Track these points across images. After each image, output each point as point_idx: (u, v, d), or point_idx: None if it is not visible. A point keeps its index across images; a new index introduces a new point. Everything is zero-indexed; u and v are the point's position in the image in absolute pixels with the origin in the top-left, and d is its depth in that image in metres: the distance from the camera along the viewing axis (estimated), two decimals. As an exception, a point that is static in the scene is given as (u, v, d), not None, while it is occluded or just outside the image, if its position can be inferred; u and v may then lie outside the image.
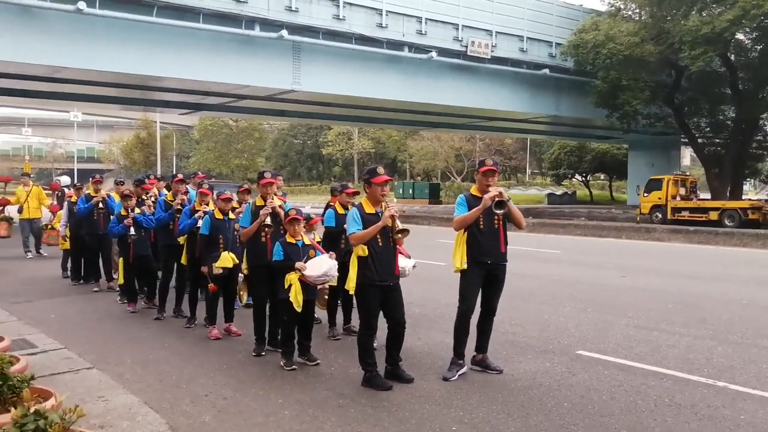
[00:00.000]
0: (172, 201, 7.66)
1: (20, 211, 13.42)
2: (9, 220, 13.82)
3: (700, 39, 22.10)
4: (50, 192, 16.72)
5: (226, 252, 6.37)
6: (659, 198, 24.94)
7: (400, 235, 4.86)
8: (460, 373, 5.16)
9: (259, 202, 5.98)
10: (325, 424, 4.18)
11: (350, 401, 4.62)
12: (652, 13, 25.98)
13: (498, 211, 4.99)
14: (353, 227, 4.82)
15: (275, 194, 6.16)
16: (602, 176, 52.04)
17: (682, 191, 25.20)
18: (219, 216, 6.49)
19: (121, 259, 8.02)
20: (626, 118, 26.28)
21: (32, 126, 73.06)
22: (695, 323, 7.13)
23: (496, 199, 4.92)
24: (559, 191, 47.30)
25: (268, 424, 4.20)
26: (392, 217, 4.80)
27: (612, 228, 20.39)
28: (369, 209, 4.92)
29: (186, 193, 7.86)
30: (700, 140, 29.93)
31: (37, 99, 27.34)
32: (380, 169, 4.97)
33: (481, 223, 5.09)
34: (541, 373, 5.30)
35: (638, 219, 24.59)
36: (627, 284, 9.98)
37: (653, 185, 25.60)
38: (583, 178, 47.93)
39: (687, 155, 55.72)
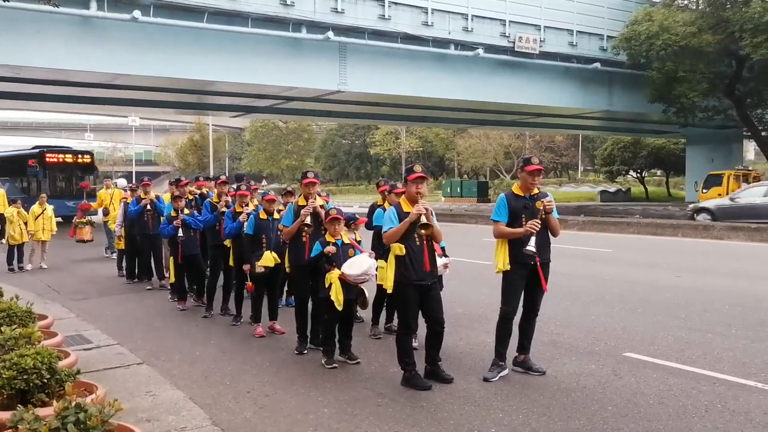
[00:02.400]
0: (218, 202, 7.85)
1: (106, 213, 13.70)
2: (92, 223, 14.21)
3: (762, 26, 21.11)
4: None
5: (269, 251, 6.47)
6: (719, 194, 23.95)
7: (423, 231, 4.76)
8: (501, 374, 5.08)
9: (302, 201, 6.05)
10: (363, 423, 4.19)
11: (389, 400, 4.62)
12: (711, 1, 24.97)
13: (529, 253, 4.89)
14: (388, 225, 4.82)
15: (318, 194, 6.23)
16: (658, 172, 50.37)
17: (745, 187, 24.11)
18: (263, 216, 6.61)
19: (171, 258, 8.28)
20: (683, 112, 25.34)
21: (94, 131, 76.33)
22: (753, 326, 6.80)
23: (530, 247, 4.85)
24: (612, 188, 46.00)
25: (308, 421, 4.24)
26: (420, 212, 4.70)
27: (667, 226, 19.68)
28: (407, 208, 4.89)
29: (231, 194, 8.03)
30: (764, 133, 28.58)
31: (97, 105, 28.55)
32: (416, 167, 4.94)
33: (524, 223, 5.00)
34: (586, 375, 5.17)
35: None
36: (681, 284, 9.62)
37: (713, 181, 24.64)
38: (638, 175, 46.46)
39: (751, 149, 53.35)
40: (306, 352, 5.93)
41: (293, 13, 19.00)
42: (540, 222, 4.89)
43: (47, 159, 23.55)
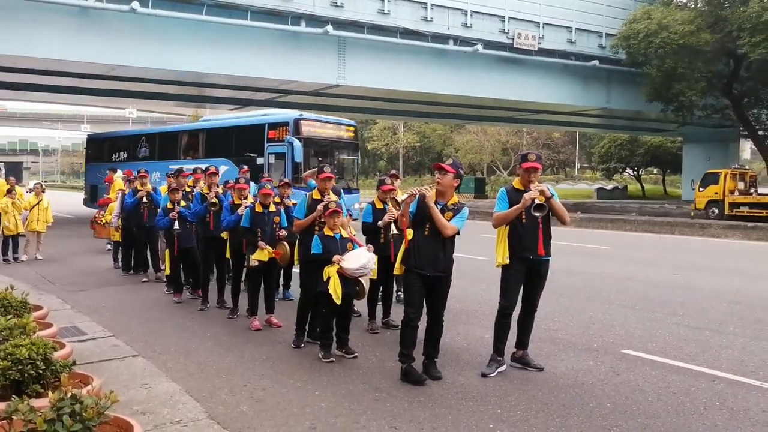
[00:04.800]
0: (208, 193, 7.78)
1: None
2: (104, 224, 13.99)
3: (760, 26, 21.14)
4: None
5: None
6: (716, 193, 24.00)
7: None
8: (499, 370, 5.06)
9: (316, 195, 5.99)
10: (360, 417, 4.17)
11: (386, 395, 4.59)
12: (709, 0, 24.98)
13: (536, 214, 4.84)
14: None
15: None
16: (655, 170, 50.53)
17: (741, 186, 24.17)
18: (259, 209, 6.56)
19: (167, 250, 8.24)
20: (681, 110, 25.38)
21: (90, 122, 75.95)
22: (751, 324, 6.81)
23: (536, 201, 4.78)
24: (609, 186, 46.15)
25: (304, 415, 4.21)
26: (414, 195, 4.78)
27: (664, 224, 19.74)
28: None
29: (230, 186, 7.98)
30: (760, 132, 28.64)
31: (95, 96, 28.40)
32: (447, 160, 5.03)
33: (524, 217, 4.96)
34: (584, 372, 5.15)
35: (692, 214, 23.74)
36: (679, 282, 9.62)
37: (710, 179, 24.65)
38: (635, 173, 46.57)
39: (747, 148, 53.50)
40: (303, 345, 5.89)
41: (292, 6, 18.94)
42: (541, 191, 4.80)
43: (304, 129, 16.13)
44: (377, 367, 5.27)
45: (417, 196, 4.73)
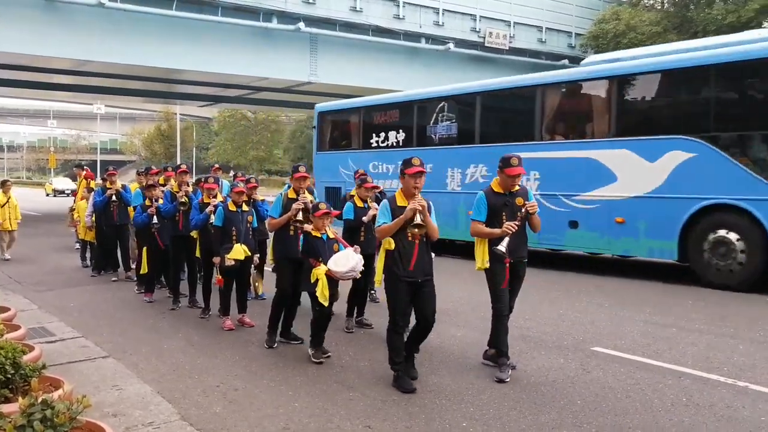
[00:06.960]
0: (178, 192, 7.68)
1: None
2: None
3: (725, 28, 21.64)
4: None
5: (239, 244, 6.38)
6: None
7: (417, 230, 4.56)
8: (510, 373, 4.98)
9: (291, 194, 5.96)
10: (334, 417, 4.17)
11: (360, 394, 4.61)
12: (675, 1, 25.53)
13: (499, 254, 4.84)
14: (381, 219, 4.64)
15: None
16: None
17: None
18: (232, 208, 6.51)
19: (144, 248, 8.07)
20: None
21: (57, 118, 74.30)
22: (716, 320, 6.98)
23: (502, 247, 4.78)
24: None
25: (278, 416, 4.20)
26: (415, 210, 4.52)
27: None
28: (401, 202, 4.67)
29: (202, 185, 7.87)
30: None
31: (61, 92, 27.81)
32: (415, 160, 4.67)
33: (503, 221, 4.97)
34: (554, 369, 5.23)
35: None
36: (646, 279, 9.83)
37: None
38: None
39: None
40: (276, 345, 5.87)
41: (264, 2, 18.81)
42: (518, 224, 4.85)
43: None
44: (351, 367, 5.28)
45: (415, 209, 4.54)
